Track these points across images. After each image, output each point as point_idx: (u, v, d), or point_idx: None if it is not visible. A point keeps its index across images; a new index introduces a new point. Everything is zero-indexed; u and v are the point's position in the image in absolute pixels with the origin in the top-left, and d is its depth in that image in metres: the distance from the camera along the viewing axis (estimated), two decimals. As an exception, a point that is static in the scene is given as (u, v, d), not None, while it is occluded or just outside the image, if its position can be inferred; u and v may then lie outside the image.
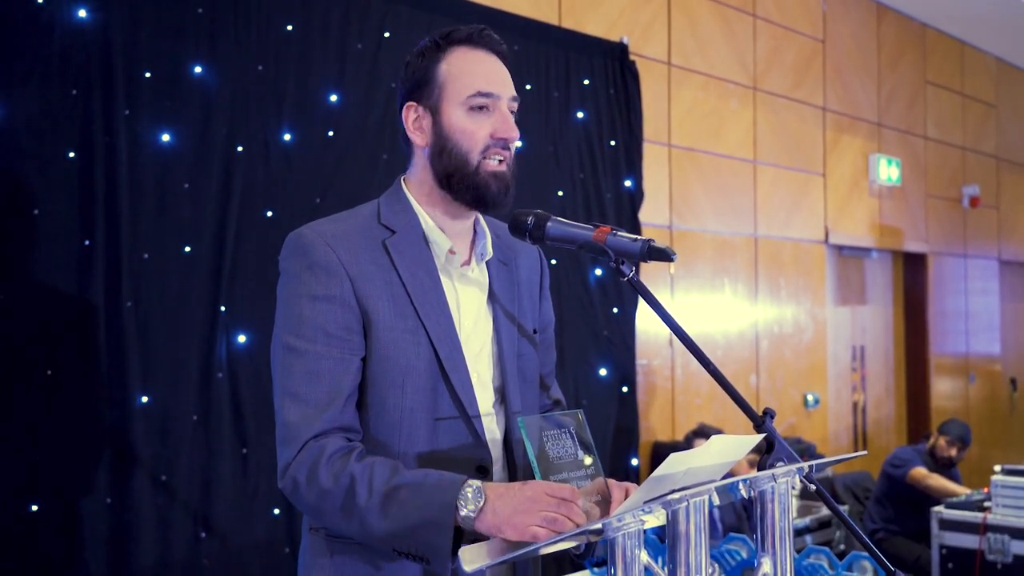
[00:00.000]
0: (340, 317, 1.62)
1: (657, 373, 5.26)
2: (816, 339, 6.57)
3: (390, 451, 1.63)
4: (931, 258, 7.85)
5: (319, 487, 1.54)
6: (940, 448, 5.50)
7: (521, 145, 4.38)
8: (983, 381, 8.66)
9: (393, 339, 1.63)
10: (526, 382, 1.80)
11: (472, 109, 1.68)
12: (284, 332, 1.64)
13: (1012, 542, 4.35)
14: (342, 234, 1.67)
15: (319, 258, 1.63)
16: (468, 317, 1.73)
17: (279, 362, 1.64)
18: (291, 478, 1.58)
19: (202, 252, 3.28)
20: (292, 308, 1.63)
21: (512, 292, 1.81)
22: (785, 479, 1.48)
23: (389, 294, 1.65)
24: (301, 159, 3.57)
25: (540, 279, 1.92)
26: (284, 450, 1.60)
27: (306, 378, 1.60)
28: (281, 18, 3.55)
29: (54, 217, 2.98)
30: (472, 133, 1.68)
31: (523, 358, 1.79)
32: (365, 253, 1.66)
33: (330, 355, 1.60)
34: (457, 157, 1.68)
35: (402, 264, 1.67)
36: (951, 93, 8.26)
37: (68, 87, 3.03)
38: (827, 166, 6.72)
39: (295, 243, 1.68)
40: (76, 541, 2.97)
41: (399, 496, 1.50)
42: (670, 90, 5.42)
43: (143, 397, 3.12)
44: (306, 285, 1.63)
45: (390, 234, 1.70)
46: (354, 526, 1.53)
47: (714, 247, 5.70)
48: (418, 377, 1.64)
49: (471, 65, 1.70)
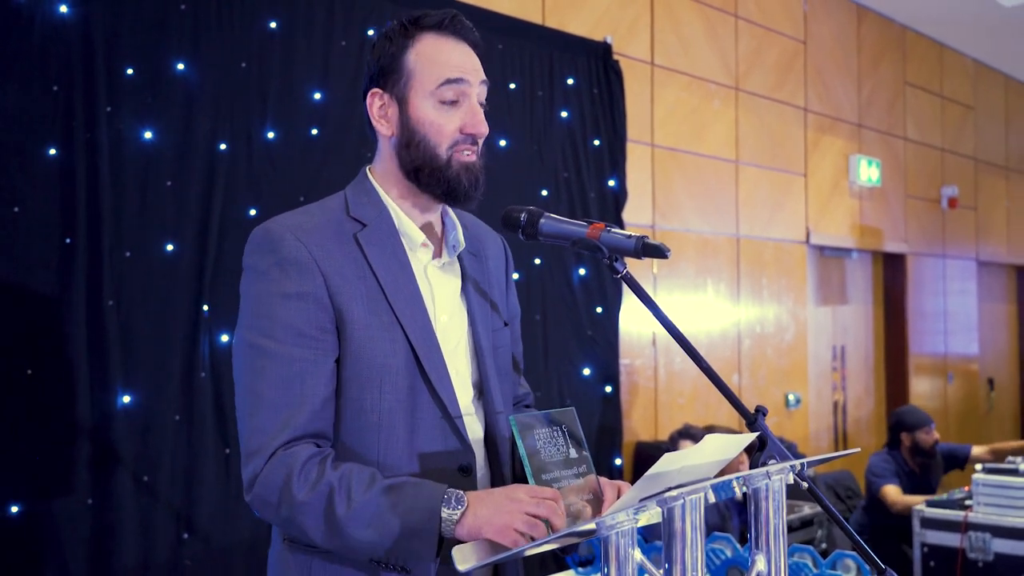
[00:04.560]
0: (314, 316, 1.54)
1: (640, 373, 5.27)
2: (797, 339, 6.60)
3: (368, 454, 1.57)
4: (910, 258, 7.90)
5: (293, 500, 1.47)
6: (922, 442, 5.33)
7: (505, 144, 4.39)
8: (961, 381, 8.73)
9: (368, 337, 1.57)
10: (503, 376, 1.75)
11: (442, 102, 1.62)
12: (252, 332, 1.55)
13: (993, 540, 4.38)
14: (312, 228, 1.60)
15: (290, 253, 1.56)
16: (443, 311, 1.68)
17: (246, 364, 1.55)
18: (261, 490, 1.50)
19: (185, 250, 3.26)
20: (261, 307, 1.55)
21: (484, 284, 1.77)
22: (778, 477, 1.47)
23: (363, 290, 1.58)
24: (285, 157, 3.55)
25: (506, 269, 1.87)
26: (251, 460, 1.52)
27: (278, 382, 1.52)
28: (265, 15, 3.53)
29: (35, 214, 2.95)
30: (441, 127, 1.62)
31: (499, 351, 1.75)
32: (337, 248, 1.59)
33: (303, 356, 1.53)
34: (425, 151, 1.62)
35: (375, 258, 1.61)
36: (930, 95, 8.32)
37: (49, 83, 3.00)
38: (808, 167, 6.75)
39: (263, 238, 1.59)
40: (57, 542, 2.94)
41: (380, 504, 1.45)
42: (653, 90, 5.43)
43: (125, 397, 3.09)
44: (277, 283, 1.55)
45: (361, 227, 1.63)
46: (333, 537, 1.48)
47: (697, 247, 5.71)
48: (396, 376, 1.58)
49: (441, 54, 1.63)
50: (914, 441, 5.38)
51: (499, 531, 1.42)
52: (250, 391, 1.54)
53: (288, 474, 1.48)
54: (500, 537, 1.41)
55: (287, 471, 1.48)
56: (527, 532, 1.40)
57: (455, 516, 1.44)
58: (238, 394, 1.57)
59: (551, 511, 1.42)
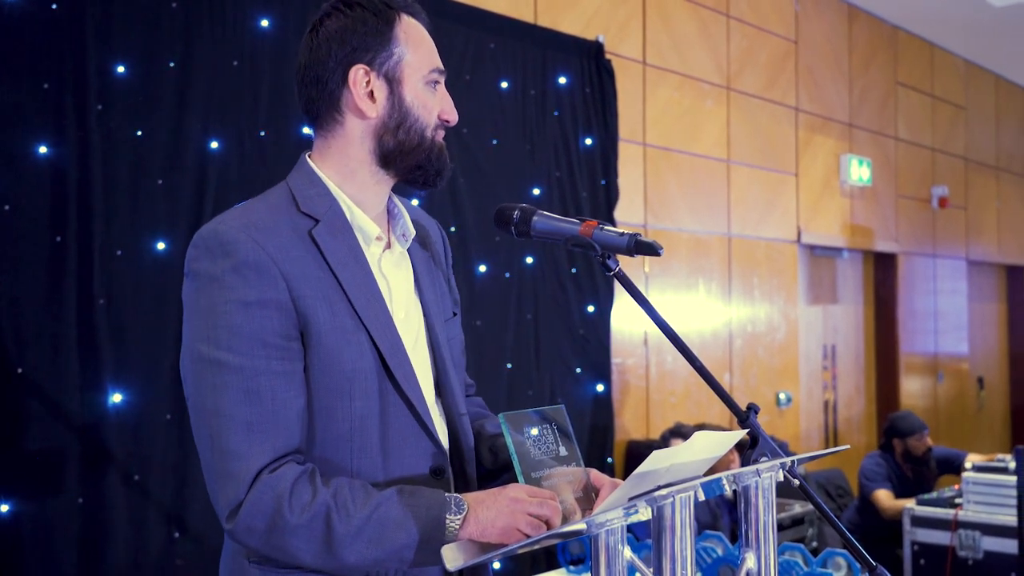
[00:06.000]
0: (278, 324, 1.43)
1: (631, 372, 5.27)
2: (788, 338, 6.61)
3: (342, 464, 1.49)
4: (901, 258, 7.92)
5: (287, 524, 1.39)
6: (913, 448, 5.36)
7: (498, 143, 4.40)
8: (951, 380, 8.76)
9: (334, 342, 1.47)
10: (457, 368, 1.70)
11: (428, 84, 1.60)
12: (207, 345, 1.42)
13: (983, 538, 4.40)
14: (266, 226, 1.48)
15: (247, 256, 1.44)
16: (400, 307, 1.61)
17: (202, 382, 1.43)
18: (247, 518, 1.40)
19: (176, 249, 3.25)
20: (217, 317, 1.42)
21: (433, 274, 1.71)
22: (769, 474, 1.48)
23: (324, 291, 1.48)
24: (277, 155, 3.54)
25: (446, 255, 1.81)
26: (228, 485, 1.41)
27: (245, 398, 1.40)
28: (256, 13, 3.52)
29: (25, 213, 2.94)
30: (431, 109, 1.60)
31: (451, 342, 1.69)
32: (294, 247, 1.48)
33: (270, 369, 1.42)
34: (416, 133, 1.58)
35: (332, 256, 1.51)
36: (921, 94, 8.34)
37: (40, 81, 2.98)
38: (800, 166, 6.76)
39: (212, 240, 1.46)
40: (48, 542, 2.93)
41: (381, 519, 1.40)
42: (645, 89, 5.44)
43: (116, 395, 3.08)
44: (233, 289, 1.42)
45: (314, 223, 1.52)
46: (330, 559, 1.40)
47: (689, 246, 5.72)
48: (364, 380, 1.50)
49: (425, 39, 1.62)
50: (906, 447, 5.42)
51: (503, 533, 1.41)
52: (212, 412, 1.42)
53: (278, 498, 1.39)
54: (504, 538, 1.40)
55: (276, 495, 1.39)
56: (530, 533, 1.39)
57: (457, 522, 1.42)
58: (194, 416, 1.45)
59: (553, 511, 1.42)
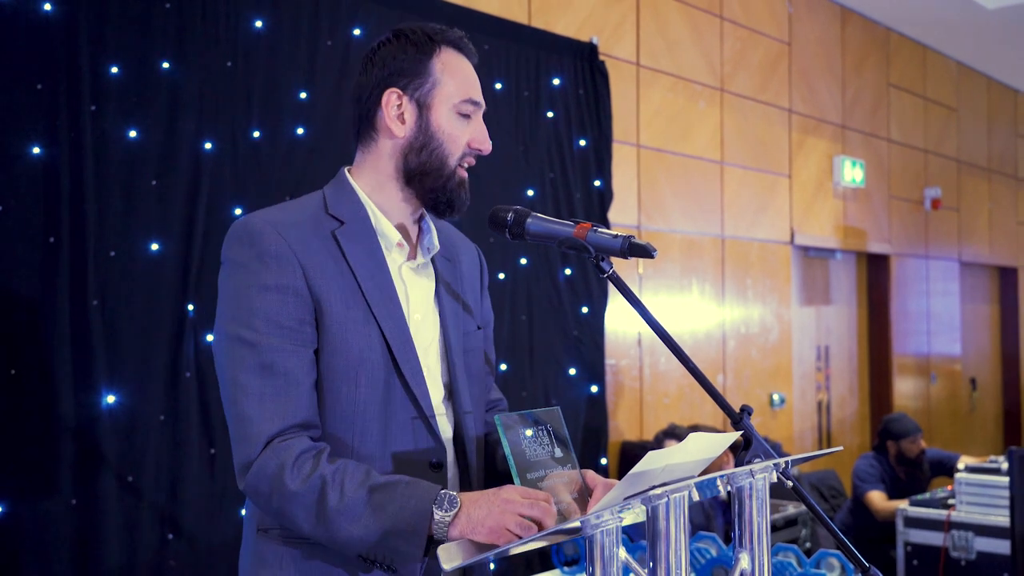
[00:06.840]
0: (293, 308, 1.58)
1: (625, 373, 5.28)
2: (782, 339, 6.62)
3: (344, 447, 1.60)
4: (894, 259, 7.94)
5: (286, 489, 1.50)
6: (906, 451, 5.37)
7: (491, 144, 4.39)
8: (944, 381, 8.78)
9: (345, 330, 1.60)
10: (472, 378, 1.78)
11: (460, 115, 1.70)
12: (233, 324, 1.58)
13: (976, 539, 4.41)
14: (291, 222, 1.64)
15: (270, 246, 1.59)
16: (416, 311, 1.71)
17: (227, 356, 1.58)
18: (254, 479, 1.53)
19: (169, 250, 3.25)
20: (241, 300, 1.58)
21: (458, 288, 1.81)
22: (763, 475, 1.48)
23: (340, 285, 1.62)
24: (270, 156, 3.54)
25: (481, 276, 1.92)
26: (243, 447, 1.55)
27: (260, 371, 1.55)
28: (250, 14, 3.52)
29: (18, 214, 2.93)
30: (456, 138, 1.69)
31: (469, 354, 1.78)
32: (315, 242, 1.63)
33: (283, 348, 1.56)
34: (437, 158, 1.68)
35: (352, 255, 1.64)
36: (913, 96, 8.37)
37: (33, 82, 2.98)
38: (792, 167, 6.78)
39: (242, 231, 1.62)
40: (41, 543, 2.92)
41: (372, 501, 1.47)
42: (639, 91, 5.44)
43: (109, 397, 3.08)
44: (256, 275, 1.58)
45: (339, 224, 1.67)
46: (321, 530, 1.50)
47: (682, 247, 5.73)
48: (371, 369, 1.61)
49: (462, 71, 1.72)
50: (899, 450, 5.43)
51: (492, 532, 1.42)
52: (232, 382, 1.56)
53: (281, 464, 1.50)
54: (493, 538, 1.42)
55: (280, 462, 1.51)
56: (520, 534, 1.41)
57: (448, 518, 1.45)
58: (222, 384, 1.60)
59: (544, 512, 1.43)
